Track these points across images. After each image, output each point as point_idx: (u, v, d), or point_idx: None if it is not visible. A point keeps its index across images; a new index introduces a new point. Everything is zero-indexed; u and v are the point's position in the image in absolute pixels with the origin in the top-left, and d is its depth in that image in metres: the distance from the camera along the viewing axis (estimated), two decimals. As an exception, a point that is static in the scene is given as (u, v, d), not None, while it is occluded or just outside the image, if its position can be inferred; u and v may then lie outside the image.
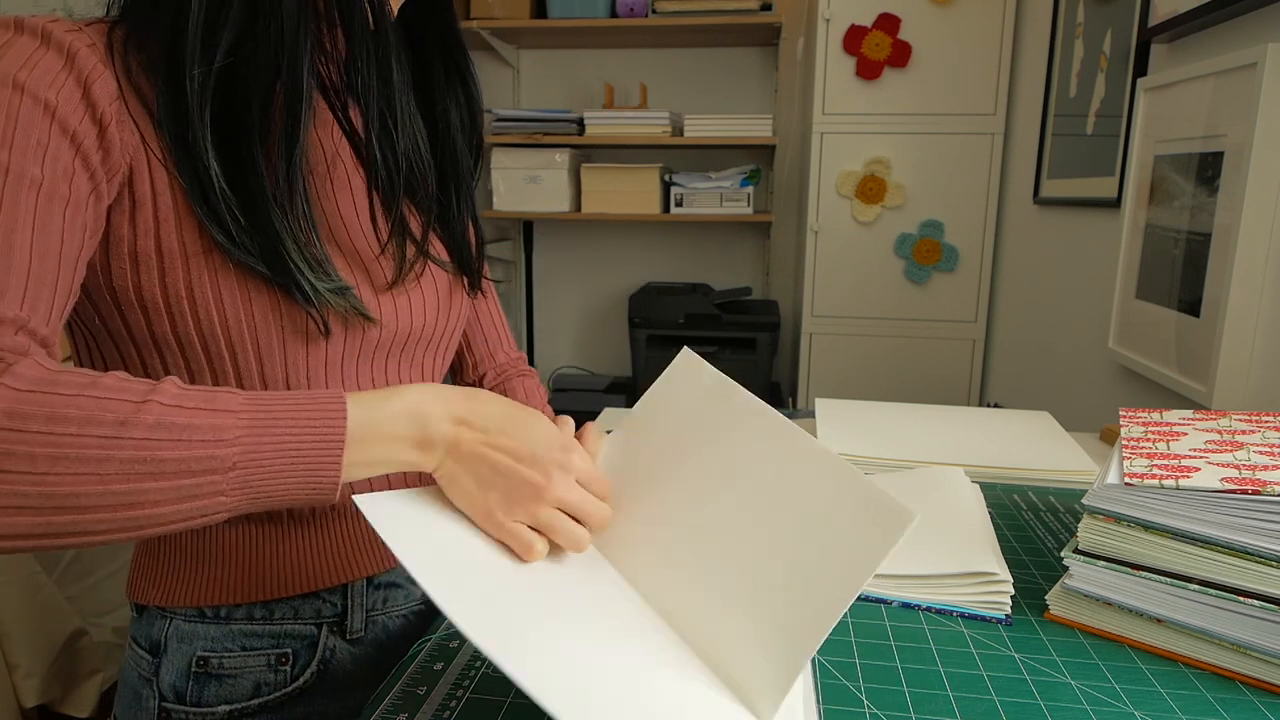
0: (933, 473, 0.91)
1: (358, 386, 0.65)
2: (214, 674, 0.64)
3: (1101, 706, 0.56)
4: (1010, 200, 2.17)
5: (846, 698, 0.57)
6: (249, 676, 0.64)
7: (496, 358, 0.90)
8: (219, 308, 0.57)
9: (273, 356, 0.60)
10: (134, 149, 0.54)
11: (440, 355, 0.74)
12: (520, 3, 2.44)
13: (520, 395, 0.87)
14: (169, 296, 0.56)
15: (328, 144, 0.63)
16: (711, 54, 2.68)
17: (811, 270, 2.33)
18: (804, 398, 2.39)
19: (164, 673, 0.64)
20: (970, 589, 0.69)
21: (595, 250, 2.87)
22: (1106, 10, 1.57)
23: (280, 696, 0.65)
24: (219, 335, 0.58)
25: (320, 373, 0.62)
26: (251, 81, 0.56)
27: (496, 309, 0.91)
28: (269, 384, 0.60)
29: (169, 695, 0.64)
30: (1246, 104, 1.03)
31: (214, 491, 0.46)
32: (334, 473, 0.49)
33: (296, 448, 0.47)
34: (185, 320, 0.57)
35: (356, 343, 0.63)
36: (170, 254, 0.56)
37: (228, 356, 0.59)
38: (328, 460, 0.48)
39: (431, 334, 0.70)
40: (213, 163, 0.55)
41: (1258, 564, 0.57)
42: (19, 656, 1.36)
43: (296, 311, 0.59)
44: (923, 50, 2.17)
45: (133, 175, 0.55)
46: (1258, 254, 1.04)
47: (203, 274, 0.56)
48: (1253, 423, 0.69)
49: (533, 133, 2.49)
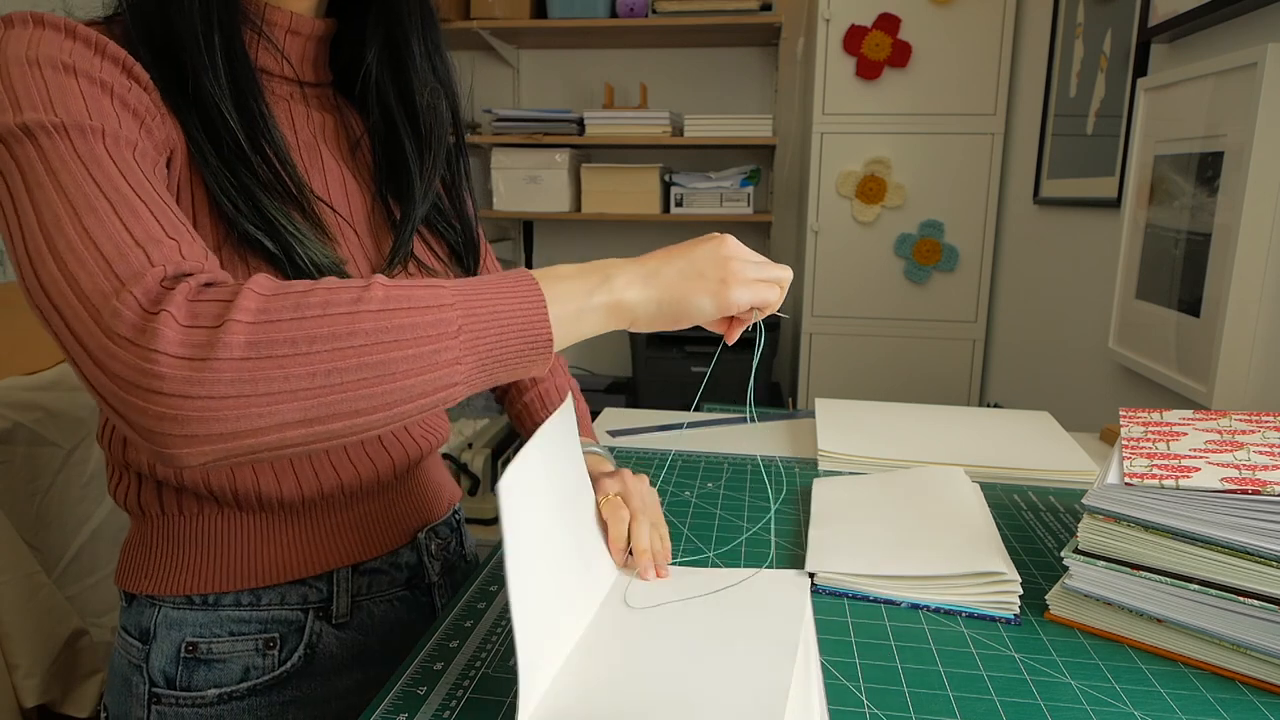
0: (933, 473, 0.91)
1: None
2: (203, 659, 0.65)
3: (1101, 706, 0.56)
4: (1010, 200, 2.17)
5: (846, 698, 0.57)
6: (238, 661, 0.65)
7: None
8: None
9: None
10: (175, 137, 0.57)
11: None
12: (520, 3, 2.44)
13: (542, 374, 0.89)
14: None
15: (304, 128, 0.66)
16: (711, 54, 2.68)
17: (811, 270, 2.33)
18: (804, 398, 2.39)
19: (154, 658, 0.65)
20: (977, 589, 0.68)
21: (595, 250, 2.87)
22: (1106, 10, 1.57)
23: (269, 680, 0.66)
24: None
25: None
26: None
27: None
28: None
29: (159, 681, 0.65)
30: (1246, 104, 1.03)
31: (451, 360, 0.47)
32: (545, 328, 0.50)
33: (507, 308, 0.49)
34: None
35: None
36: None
37: None
38: (536, 317, 0.50)
39: None
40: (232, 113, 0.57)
41: (1258, 564, 0.57)
42: (19, 656, 1.36)
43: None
44: (923, 50, 2.17)
45: (171, 157, 0.57)
46: (1258, 254, 1.04)
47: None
48: (1253, 423, 0.69)
49: (533, 133, 2.49)
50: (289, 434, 0.45)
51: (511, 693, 0.56)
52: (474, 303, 0.49)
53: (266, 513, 0.66)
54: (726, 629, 0.60)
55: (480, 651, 0.61)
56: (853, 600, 0.70)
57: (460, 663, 0.60)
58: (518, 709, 0.49)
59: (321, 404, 0.44)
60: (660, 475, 0.99)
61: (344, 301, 0.46)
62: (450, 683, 0.58)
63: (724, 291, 0.56)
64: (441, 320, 0.47)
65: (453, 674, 0.59)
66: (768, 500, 0.92)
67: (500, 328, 0.49)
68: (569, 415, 0.65)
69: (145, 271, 0.45)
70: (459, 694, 0.56)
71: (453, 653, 0.61)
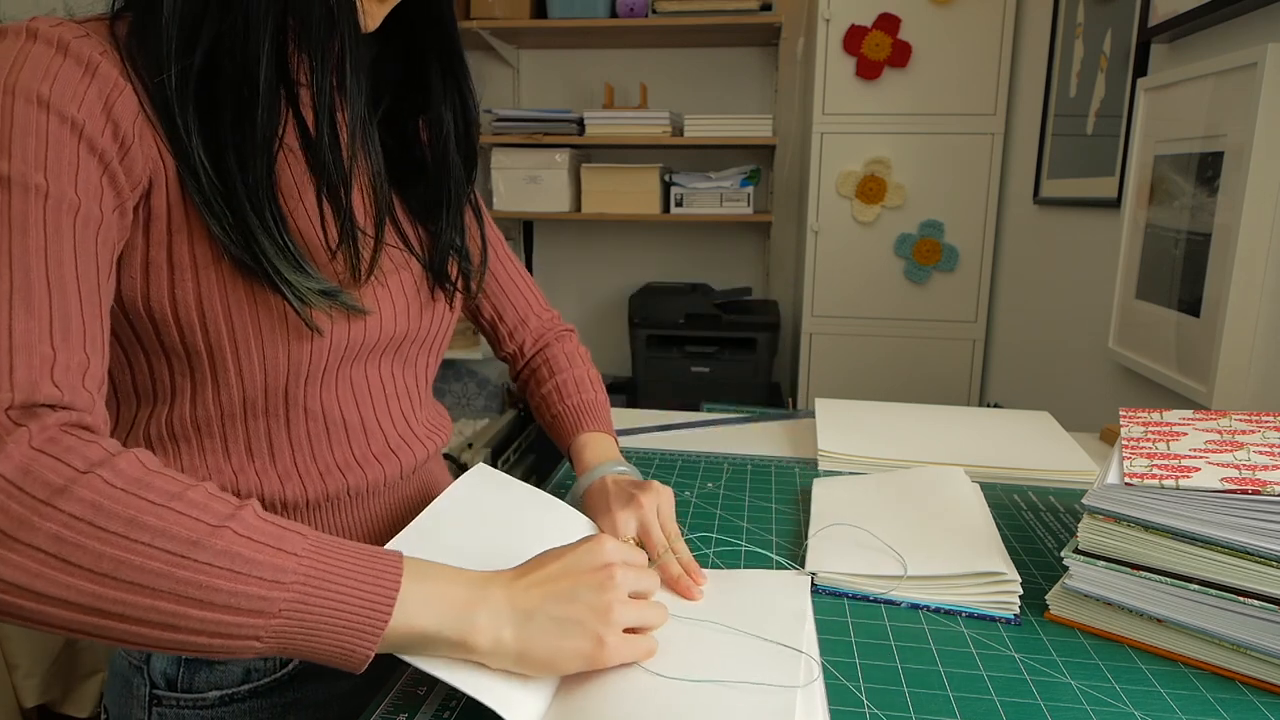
0: (933, 472, 0.91)
1: (352, 387, 0.67)
2: (204, 660, 0.64)
3: (1101, 706, 0.56)
4: (1010, 200, 2.17)
5: (847, 698, 0.57)
6: (239, 663, 0.65)
7: (530, 324, 0.91)
8: (226, 319, 0.58)
9: (277, 365, 0.60)
10: (154, 163, 0.55)
11: (433, 354, 0.76)
12: (520, 3, 2.44)
13: (562, 364, 0.89)
14: (177, 307, 0.57)
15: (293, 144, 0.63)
16: (711, 54, 2.68)
17: (811, 270, 2.33)
18: (804, 398, 2.39)
19: (155, 660, 0.65)
20: (978, 589, 0.68)
21: (595, 250, 2.87)
22: (1106, 10, 1.57)
23: (270, 682, 0.66)
24: (225, 346, 0.58)
25: (318, 376, 0.63)
26: (222, 80, 0.55)
27: (520, 276, 0.91)
28: (269, 393, 0.61)
29: (160, 682, 0.64)
30: (1246, 104, 1.03)
31: (250, 636, 0.45)
32: (369, 647, 0.48)
33: (342, 611, 0.46)
34: (194, 332, 0.57)
35: (356, 345, 0.64)
36: (180, 265, 0.56)
37: (232, 368, 0.59)
38: (367, 632, 0.47)
39: (424, 334, 0.72)
40: (202, 158, 0.55)
41: (1258, 564, 0.57)
42: (19, 656, 1.36)
43: (297, 318, 0.59)
44: (923, 50, 2.17)
45: (151, 189, 0.55)
46: (1258, 254, 1.04)
47: (211, 286, 0.57)
48: (1253, 423, 0.69)
49: (533, 133, 2.49)
50: (38, 627, 0.43)
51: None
52: (310, 597, 0.45)
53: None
54: (729, 630, 0.60)
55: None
56: (853, 600, 0.70)
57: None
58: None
59: (85, 621, 0.43)
60: (660, 475, 0.99)
61: (182, 539, 0.44)
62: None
63: (599, 654, 0.53)
64: (265, 598, 0.44)
65: (453, 674, 0.59)
66: (768, 500, 0.92)
67: (327, 626, 0.46)
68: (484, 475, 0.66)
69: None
70: (459, 694, 0.56)
71: (453, 653, 0.61)
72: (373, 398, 0.69)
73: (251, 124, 0.56)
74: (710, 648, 0.58)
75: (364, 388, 0.68)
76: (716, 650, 0.58)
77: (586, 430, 0.84)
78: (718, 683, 0.53)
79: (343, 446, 0.67)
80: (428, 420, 0.76)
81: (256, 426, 0.63)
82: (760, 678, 0.54)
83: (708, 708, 0.51)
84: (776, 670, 0.55)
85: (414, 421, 0.74)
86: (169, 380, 0.60)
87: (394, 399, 0.71)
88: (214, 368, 0.59)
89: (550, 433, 0.89)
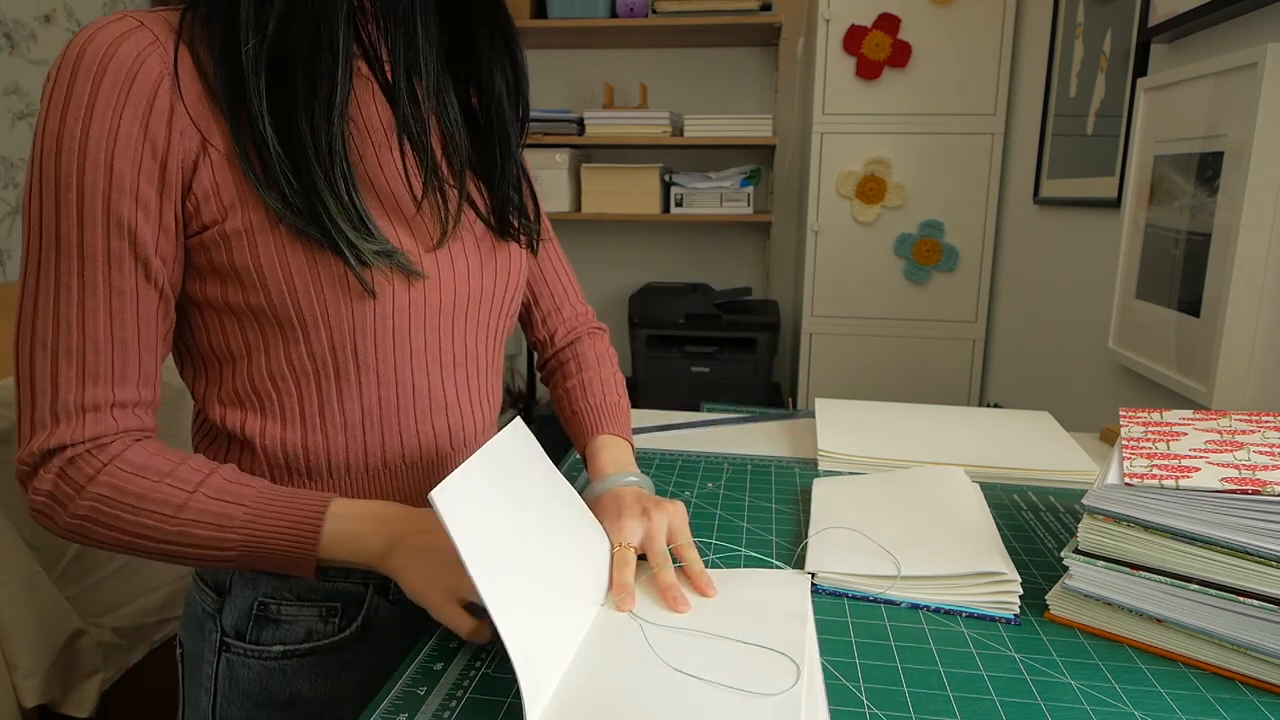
0: (933, 473, 0.91)
1: (412, 351, 0.69)
2: (272, 619, 0.70)
3: (1101, 706, 0.56)
4: (1010, 200, 2.17)
5: (846, 698, 0.57)
6: (302, 624, 0.70)
7: (563, 312, 0.92)
8: (288, 280, 0.61)
9: (341, 325, 0.64)
10: (194, 155, 0.58)
11: (501, 316, 0.77)
12: (520, 3, 2.44)
13: (590, 361, 0.90)
14: (239, 270, 0.61)
15: (367, 105, 0.66)
16: (711, 54, 2.68)
17: (811, 270, 2.33)
18: (804, 398, 2.39)
19: (227, 612, 0.71)
20: (978, 589, 0.68)
21: (595, 250, 2.87)
22: (1106, 10, 1.57)
23: (329, 643, 0.71)
24: (289, 306, 0.62)
25: (388, 338, 0.66)
26: (296, 47, 0.59)
27: (561, 264, 0.93)
28: (337, 352, 0.65)
29: (230, 632, 0.71)
30: (1246, 104, 1.03)
31: (223, 560, 0.62)
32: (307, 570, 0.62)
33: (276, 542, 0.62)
34: (256, 292, 0.62)
35: (419, 307, 0.67)
36: (236, 234, 0.60)
37: (298, 325, 0.63)
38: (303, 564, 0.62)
39: (489, 295, 0.74)
40: (268, 127, 0.58)
41: (1257, 564, 0.57)
42: (19, 656, 1.36)
43: (356, 280, 0.62)
44: (923, 50, 2.17)
45: (193, 180, 0.59)
46: (1258, 254, 1.04)
47: (270, 249, 0.61)
48: (1253, 423, 0.69)
49: (533, 133, 2.49)
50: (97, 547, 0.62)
51: (512, 691, 0.56)
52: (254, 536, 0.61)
53: (336, 483, 0.70)
54: (730, 630, 0.60)
55: (480, 651, 0.61)
56: (853, 600, 0.70)
57: (460, 663, 0.60)
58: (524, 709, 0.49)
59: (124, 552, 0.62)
60: (660, 475, 0.99)
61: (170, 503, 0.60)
62: (450, 683, 0.58)
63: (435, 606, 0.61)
64: (224, 539, 0.61)
65: (453, 674, 0.59)
66: (768, 500, 0.92)
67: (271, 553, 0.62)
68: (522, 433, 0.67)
69: (41, 431, 0.59)
70: (459, 694, 0.56)
71: (453, 653, 0.61)
72: (441, 363, 0.71)
73: (331, 85, 0.59)
74: (710, 651, 0.58)
75: (435, 351, 0.70)
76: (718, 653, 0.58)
77: (605, 433, 0.84)
78: (719, 685, 0.53)
79: (407, 412, 0.69)
80: (492, 387, 0.77)
81: (329, 389, 0.66)
82: (762, 680, 0.54)
83: (713, 706, 0.51)
84: (777, 672, 0.55)
85: (479, 389, 0.75)
86: (242, 339, 0.65)
87: (461, 365, 0.73)
88: (281, 325, 0.63)
89: (568, 427, 0.89)
